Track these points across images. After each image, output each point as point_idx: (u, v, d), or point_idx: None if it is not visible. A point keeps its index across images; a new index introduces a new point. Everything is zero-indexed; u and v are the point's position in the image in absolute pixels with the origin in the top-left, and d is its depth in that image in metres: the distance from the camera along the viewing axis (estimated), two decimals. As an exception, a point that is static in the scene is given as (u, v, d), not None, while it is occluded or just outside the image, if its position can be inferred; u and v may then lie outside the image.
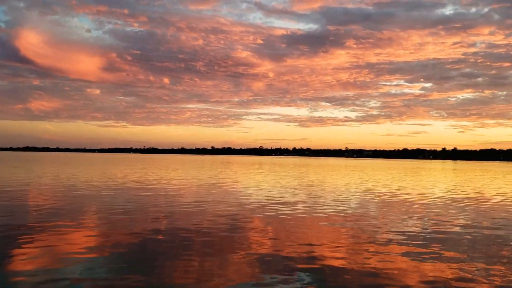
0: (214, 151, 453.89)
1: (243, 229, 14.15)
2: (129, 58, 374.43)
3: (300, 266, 9.70)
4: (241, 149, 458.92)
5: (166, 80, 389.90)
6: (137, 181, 35.47)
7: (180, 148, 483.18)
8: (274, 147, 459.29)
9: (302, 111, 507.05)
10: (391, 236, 13.43)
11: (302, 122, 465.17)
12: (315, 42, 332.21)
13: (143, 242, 11.82)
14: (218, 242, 12.01)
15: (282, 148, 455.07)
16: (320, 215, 17.74)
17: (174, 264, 9.63)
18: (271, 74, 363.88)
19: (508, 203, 24.04)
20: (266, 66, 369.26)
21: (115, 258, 10.03)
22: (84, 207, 18.77)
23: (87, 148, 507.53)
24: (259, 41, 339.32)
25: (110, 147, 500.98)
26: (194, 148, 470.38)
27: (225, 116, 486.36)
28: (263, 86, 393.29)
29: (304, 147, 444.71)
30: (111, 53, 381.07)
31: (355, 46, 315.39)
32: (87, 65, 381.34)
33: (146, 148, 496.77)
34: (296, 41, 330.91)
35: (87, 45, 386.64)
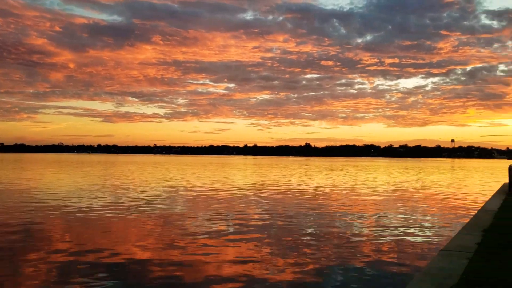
0: (3, 148, 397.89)
1: (39, 234, 12.80)
2: None
3: (104, 267, 9.23)
4: (37, 146, 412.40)
5: None
6: None
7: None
8: (76, 144, 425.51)
9: (107, 106, 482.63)
10: (197, 228, 13.87)
11: (107, 117, 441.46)
12: (120, 35, 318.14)
13: None
14: (8, 249, 10.56)
15: (86, 144, 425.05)
16: (127, 213, 17.24)
17: None
18: (71, 65, 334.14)
19: (299, 192, 27.33)
20: (66, 56, 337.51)
21: None
22: None
23: None
24: (57, 29, 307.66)
25: None
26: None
27: (17, 109, 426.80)
28: (63, 77, 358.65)
29: (110, 143, 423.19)
30: None
31: (161, 42, 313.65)
32: None
33: None
34: (99, 32, 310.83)
35: None
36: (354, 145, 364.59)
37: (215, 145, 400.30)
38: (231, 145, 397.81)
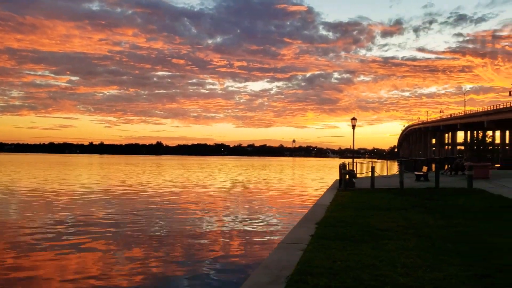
0: None
1: None
2: None
3: None
4: None
5: None
6: None
7: None
8: None
9: None
10: (33, 236, 12.64)
11: None
12: None
13: None
14: None
15: None
16: None
17: None
18: None
19: (148, 192, 26.74)
20: None
21: None
22: None
23: None
24: None
25: None
26: None
27: None
28: None
29: None
30: None
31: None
32: None
33: None
34: None
35: None
36: (205, 144, 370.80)
37: (55, 142, 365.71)
38: (75, 143, 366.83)
